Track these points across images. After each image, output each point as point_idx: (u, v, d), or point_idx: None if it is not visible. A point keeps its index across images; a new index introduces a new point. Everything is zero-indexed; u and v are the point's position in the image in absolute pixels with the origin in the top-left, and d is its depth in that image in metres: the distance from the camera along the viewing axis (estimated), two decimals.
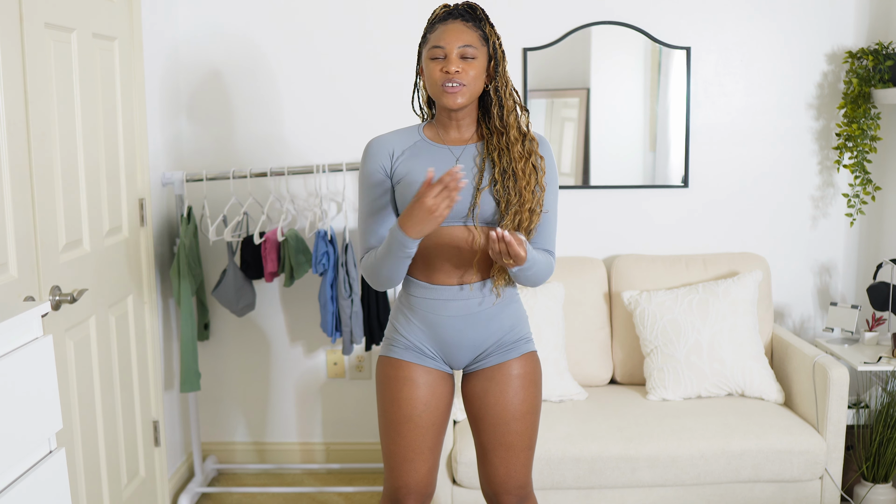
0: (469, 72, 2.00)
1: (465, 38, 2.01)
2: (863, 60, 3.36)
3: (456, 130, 2.11)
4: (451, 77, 1.99)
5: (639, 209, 3.56)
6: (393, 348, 2.16)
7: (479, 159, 2.09)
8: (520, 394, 2.13)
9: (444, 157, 2.09)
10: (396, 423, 2.11)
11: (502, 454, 2.14)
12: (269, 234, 3.23)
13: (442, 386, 2.15)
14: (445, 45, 2.01)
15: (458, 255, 2.07)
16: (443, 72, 2.00)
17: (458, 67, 1.99)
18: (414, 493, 2.14)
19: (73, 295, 2.32)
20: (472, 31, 2.03)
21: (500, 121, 2.07)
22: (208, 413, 3.66)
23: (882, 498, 3.08)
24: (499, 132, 2.08)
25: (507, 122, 2.07)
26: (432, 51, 2.03)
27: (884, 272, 3.27)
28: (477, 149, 2.11)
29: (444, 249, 2.07)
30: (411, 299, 2.13)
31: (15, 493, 1.55)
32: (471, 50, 2.01)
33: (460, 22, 2.04)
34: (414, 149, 2.10)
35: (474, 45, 2.02)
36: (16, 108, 2.18)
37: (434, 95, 2.05)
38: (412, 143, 2.11)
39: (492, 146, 2.08)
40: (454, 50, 2.00)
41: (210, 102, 3.49)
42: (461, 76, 2.00)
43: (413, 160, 2.08)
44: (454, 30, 2.02)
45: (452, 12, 2.06)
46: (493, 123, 2.09)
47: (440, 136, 2.12)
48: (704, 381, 3.12)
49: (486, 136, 2.10)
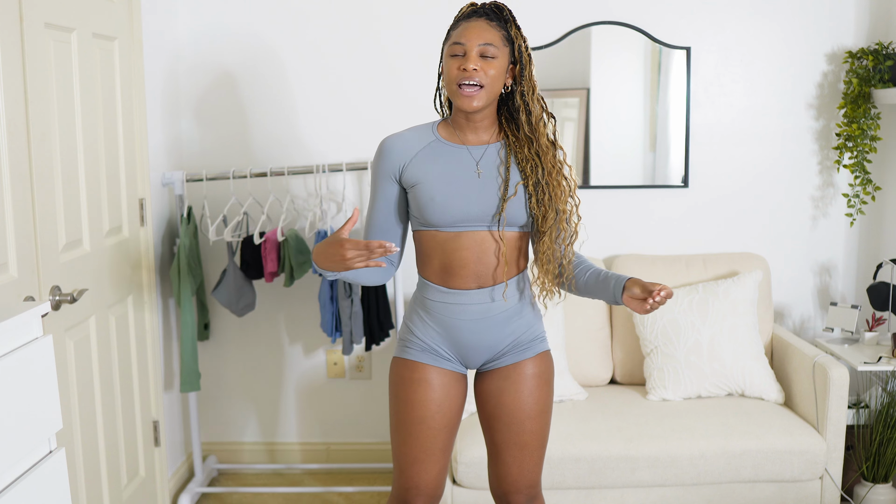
0: (488, 71, 1.95)
1: (487, 36, 1.96)
2: (863, 60, 3.36)
3: (473, 133, 2.05)
4: (469, 75, 1.94)
5: (639, 209, 3.56)
6: (408, 349, 2.13)
7: (503, 167, 2.03)
8: (535, 393, 2.11)
9: (462, 160, 2.03)
10: (409, 424, 2.09)
11: (516, 453, 2.13)
12: (269, 234, 3.23)
13: (456, 387, 2.13)
14: (466, 42, 1.95)
15: (479, 260, 2.03)
16: (460, 69, 1.95)
17: (476, 65, 1.93)
18: (423, 495, 2.12)
19: (73, 295, 2.32)
20: (496, 31, 1.97)
21: (528, 128, 2.02)
22: (208, 413, 3.66)
23: (882, 498, 3.08)
24: (529, 141, 2.02)
25: (536, 129, 2.02)
26: (452, 47, 1.98)
27: (884, 272, 3.27)
28: (499, 153, 2.05)
29: (464, 254, 2.03)
30: (427, 302, 2.10)
31: (15, 493, 1.55)
32: (491, 49, 1.95)
33: (484, 20, 1.98)
34: (429, 150, 2.04)
35: (496, 45, 1.96)
36: (16, 108, 2.18)
37: (450, 94, 1.99)
38: (427, 143, 2.05)
39: (522, 156, 2.02)
40: (474, 47, 1.95)
41: (210, 102, 3.49)
42: (479, 75, 1.94)
43: (429, 164, 2.03)
44: (476, 27, 1.97)
45: (478, 10, 2.01)
46: (522, 132, 2.02)
47: (457, 135, 2.06)
48: (704, 381, 3.12)
49: (512, 145, 2.04)
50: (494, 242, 2.03)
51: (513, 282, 2.07)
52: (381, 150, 2.08)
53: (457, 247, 2.03)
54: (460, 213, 2.01)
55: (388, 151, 2.06)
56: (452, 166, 2.03)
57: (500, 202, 2.01)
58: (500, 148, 2.06)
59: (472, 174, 2.02)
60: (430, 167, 2.03)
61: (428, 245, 2.07)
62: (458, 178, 2.02)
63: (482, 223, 2.02)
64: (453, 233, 2.03)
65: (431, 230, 2.05)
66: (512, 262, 2.06)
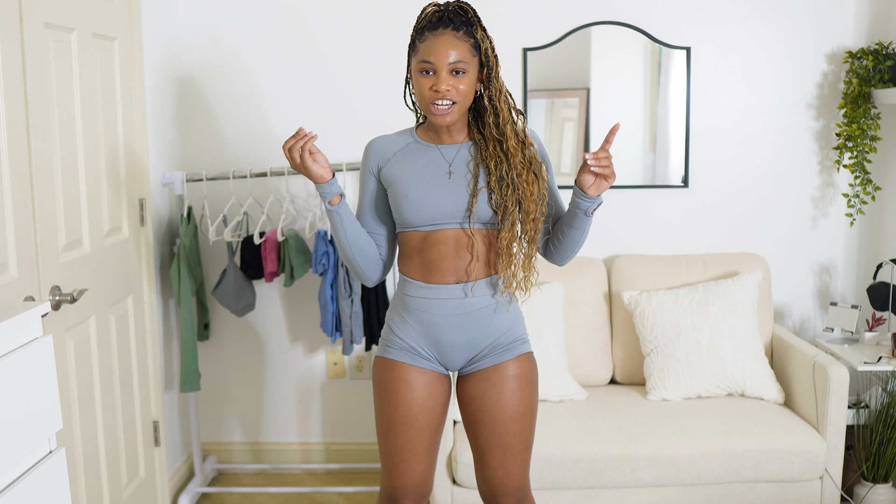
0: (459, 87, 1.98)
1: (456, 52, 1.96)
2: (863, 60, 3.36)
3: (447, 134, 2.10)
4: (442, 95, 1.96)
5: (639, 209, 3.56)
6: (388, 349, 2.15)
7: (473, 164, 2.07)
8: (517, 395, 2.12)
9: (435, 159, 2.08)
10: (393, 423, 2.11)
11: (500, 456, 2.14)
12: (269, 234, 3.23)
13: (438, 387, 2.15)
14: (435, 61, 1.96)
15: (455, 256, 2.07)
16: (432, 90, 1.97)
17: (447, 85, 1.96)
18: (411, 494, 2.14)
19: (73, 295, 2.32)
20: (463, 43, 1.98)
21: (496, 129, 2.05)
22: (208, 413, 3.66)
23: (882, 498, 3.08)
24: (496, 140, 2.05)
25: (503, 131, 2.04)
26: (421, 65, 1.98)
27: (884, 272, 3.27)
28: (470, 151, 2.09)
29: (442, 249, 2.07)
30: (406, 299, 2.13)
31: (15, 493, 1.55)
32: (461, 65, 1.97)
33: (451, 32, 1.97)
34: (406, 151, 2.10)
35: (465, 60, 1.97)
36: (16, 108, 2.18)
37: (423, 109, 2.03)
38: (405, 144, 2.11)
39: (487, 154, 2.05)
40: (444, 66, 1.96)
41: (210, 102, 3.49)
42: (451, 94, 1.97)
43: (404, 164, 2.09)
44: (444, 43, 1.96)
45: (443, 18, 1.99)
46: (488, 132, 2.06)
47: (432, 136, 2.11)
48: (704, 381, 3.12)
49: (479, 143, 2.08)
50: (468, 238, 2.07)
51: (487, 280, 2.10)
52: (365, 149, 2.16)
53: (435, 242, 2.07)
54: (434, 211, 2.05)
55: (370, 151, 2.15)
56: (426, 166, 2.08)
57: (470, 199, 2.05)
58: (472, 146, 2.10)
59: (444, 173, 2.07)
60: (405, 167, 2.08)
61: (408, 244, 2.12)
62: (431, 177, 2.06)
63: (455, 220, 2.06)
64: (430, 231, 2.07)
65: (410, 230, 2.10)
66: (483, 258, 2.09)
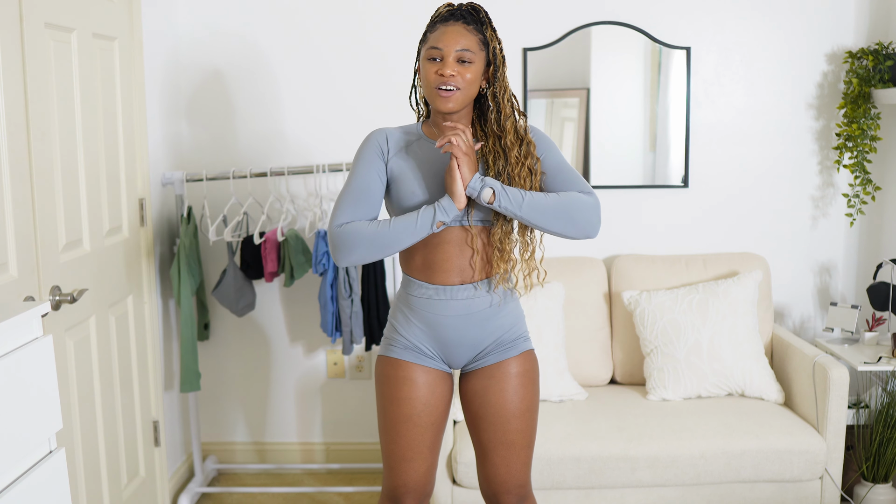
0: (465, 75, 2.01)
1: (464, 41, 2.01)
2: (863, 60, 3.36)
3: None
4: (446, 80, 2.00)
5: (639, 209, 3.56)
6: (392, 348, 2.16)
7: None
8: (519, 392, 2.13)
9: (439, 156, 2.09)
10: (395, 422, 2.11)
11: (503, 453, 2.14)
12: (269, 234, 3.23)
13: (441, 385, 2.15)
14: (443, 48, 2.01)
15: (457, 254, 2.08)
16: (438, 74, 2.00)
17: (453, 71, 1.99)
18: (412, 492, 2.14)
19: (73, 295, 2.32)
20: (472, 35, 2.03)
21: (496, 125, 2.07)
22: (208, 413, 3.66)
23: (882, 498, 3.08)
24: (495, 135, 2.08)
25: (503, 126, 2.07)
26: (430, 51, 2.03)
27: (884, 272, 3.27)
28: None
29: (446, 248, 2.07)
30: (410, 299, 2.13)
31: (15, 493, 1.55)
32: (468, 54, 2.01)
33: (461, 24, 2.03)
34: (412, 146, 2.11)
35: (472, 50, 2.02)
36: (16, 108, 2.18)
37: (428, 96, 2.05)
38: (410, 140, 2.12)
39: (486, 149, 2.08)
40: (451, 53, 2.00)
41: (210, 102, 3.49)
42: (456, 80, 2.00)
43: (408, 159, 2.09)
44: (454, 32, 2.02)
45: (455, 13, 2.05)
46: (489, 127, 2.09)
47: (436, 133, 2.12)
48: (704, 381, 3.12)
49: (481, 139, 2.10)
50: (470, 237, 2.08)
51: (489, 279, 2.10)
52: (373, 134, 2.12)
53: (439, 242, 2.07)
54: None
55: (379, 136, 2.11)
56: (432, 164, 2.08)
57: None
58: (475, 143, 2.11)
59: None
60: (410, 163, 2.09)
61: None
62: (437, 175, 2.07)
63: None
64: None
65: None
66: (485, 256, 2.09)
